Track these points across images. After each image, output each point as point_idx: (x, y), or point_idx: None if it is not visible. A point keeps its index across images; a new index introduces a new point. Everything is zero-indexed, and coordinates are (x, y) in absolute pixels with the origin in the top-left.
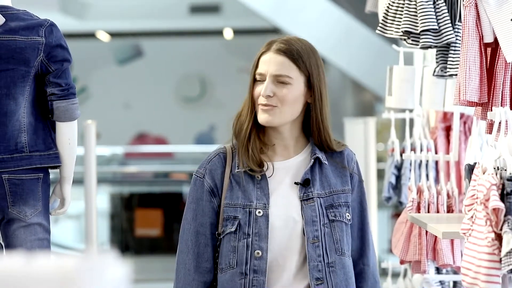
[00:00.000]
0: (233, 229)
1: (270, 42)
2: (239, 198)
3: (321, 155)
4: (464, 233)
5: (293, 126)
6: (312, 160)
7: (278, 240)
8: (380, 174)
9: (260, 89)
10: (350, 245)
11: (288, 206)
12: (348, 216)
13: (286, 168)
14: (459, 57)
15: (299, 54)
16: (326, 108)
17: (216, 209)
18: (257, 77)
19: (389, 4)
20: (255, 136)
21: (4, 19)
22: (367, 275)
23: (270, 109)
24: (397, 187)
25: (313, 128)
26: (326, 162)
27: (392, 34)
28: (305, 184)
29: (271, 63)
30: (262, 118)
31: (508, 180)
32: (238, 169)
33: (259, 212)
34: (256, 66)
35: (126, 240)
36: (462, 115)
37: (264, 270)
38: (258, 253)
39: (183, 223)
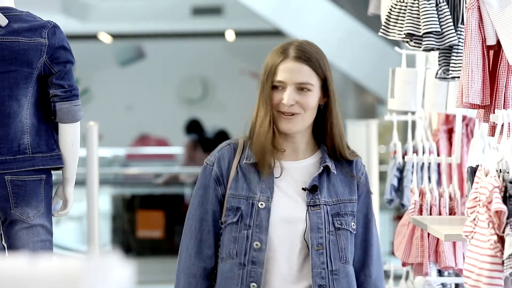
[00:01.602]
0: (234, 220)
1: (285, 49)
2: (244, 189)
3: (331, 164)
4: (466, 236)
5: (306, 130)
6: (322, 168)
7: (277, 235)
8: (382, 176)
9: (280, 96)
10: (353, 254)
11: (291, 206)
12: (353, 225)
13: (293, 169)
14: (461, 60)
15: (317, 60)
16: (338, 112)
17: (220, 198)
18: (277, 84)
19: (391, 6)
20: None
21: (7, 21)
22: (368, 286)
23: (293, 118)
24: (399, 189)
25: (327, 131)
26: (335, 172)
27: (394, 36)
28: (312, 190)
29: (293, 71)
30: (285, 127)
31: (510, 182)
32: (246, 160)
33: (262, 204)
34: (274, 74)
35: (127, 242)
36: (464, 118)
37: (262, 262)
38: (257, 244)
39: (189, 208)
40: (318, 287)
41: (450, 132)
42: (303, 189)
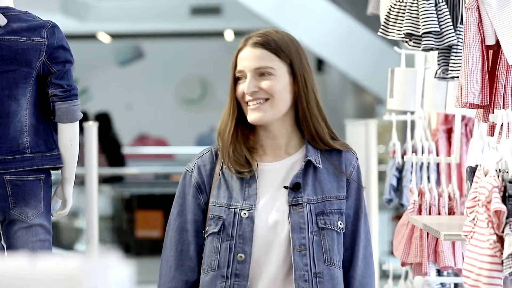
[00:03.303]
0: (216, 230)
1: (247, 38)
2: (225, 197)
3: (314, 158)
4: (465, 235)
5: (284, 122)
6: (303, 164)
7: (261, 245)
8: (381, 176)
9: (243, 87)
10: (341, 255)
11: (275, 211)
12: (340, 224)
13: (276, 170)
14: (460, 59)
15: (276, 43)
16: (312, 96)
17: (203, 206)
18: (238, 75)
19: (391, 6)
20: (240, 137)
21: (6, 20)
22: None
23: (260, 106)
24: (398, 189)
25: (301, 118)
26: (320, 166)
27: (393, 36)
28: (295, 188)
29: (250, 58)
30: (252, 117)
31: (510, 182)
32: (225, 166)
33: (245, 213)
34: (235, 65)
35: (126, 242)
36: (463, 117)
37: (246, 275)
38: (241, 256)
39: (169, 218)
40: None
41: (449, 132)
42: (285, 187)
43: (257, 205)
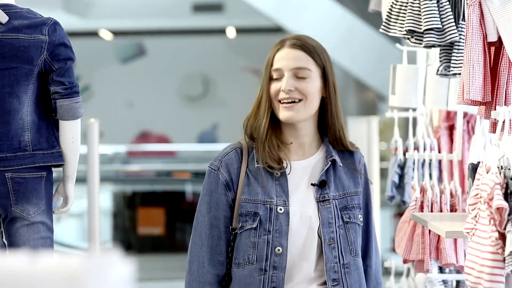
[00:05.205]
0: (254, 225)
1: (282, 40)
2: (259, 194)
3: (337, 157)
4: (467, 232)
5: (310, 123)
6: (329, 163)
7: (296, 238)
8: (383, 173)
9: (278, 86)
10: (360, 245)
11: (305, 206)
12: (360, 217)
13: (302, 168)
14: (462, 56)
15: (313, 47)
16: (339, 102)
17: (231, 203)
18: (274, 74)
19: (392, 2)
20: (271, 134)
21: (8, 18)
22: (369, 276)
23: (294, 105)
24: (400, 186)
25: (328, 122)
26: (341, 164)
27: (395, 33)
28: (321, 185)
29: (289, 58)
30: (285, 115)
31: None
32: (257, 164)
33: (281, 209)
34: (271, 64)
35: (128, 239)
36: (465, 114)
37: (284, 267)
38: (278, 249)
39: (197, 215)
40: (332, 281)
41: (451, 129)
42: (312, 184)
43: (290, 201)
